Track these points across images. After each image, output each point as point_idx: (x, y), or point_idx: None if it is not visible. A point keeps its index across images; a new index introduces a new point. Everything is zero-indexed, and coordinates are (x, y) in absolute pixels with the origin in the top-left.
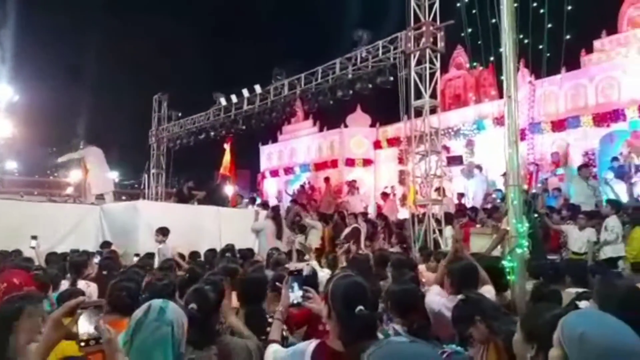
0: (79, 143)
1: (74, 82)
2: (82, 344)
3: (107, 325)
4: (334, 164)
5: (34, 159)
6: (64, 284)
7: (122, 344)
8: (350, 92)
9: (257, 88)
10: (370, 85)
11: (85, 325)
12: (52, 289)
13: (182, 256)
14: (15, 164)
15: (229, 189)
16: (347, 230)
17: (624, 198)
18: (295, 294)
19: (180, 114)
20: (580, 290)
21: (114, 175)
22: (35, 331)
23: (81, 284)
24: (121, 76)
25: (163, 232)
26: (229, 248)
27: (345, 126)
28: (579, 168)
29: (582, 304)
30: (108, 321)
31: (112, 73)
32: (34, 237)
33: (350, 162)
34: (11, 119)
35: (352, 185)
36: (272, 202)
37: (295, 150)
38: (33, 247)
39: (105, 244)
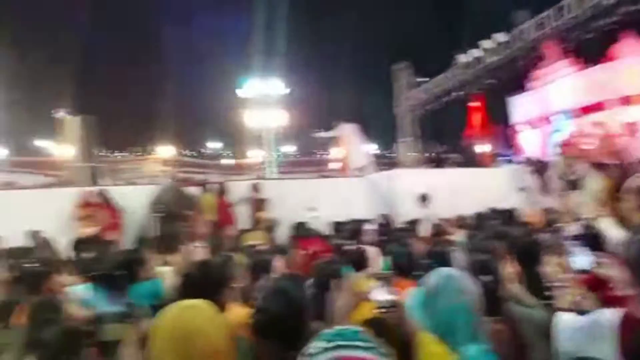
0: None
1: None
2: (380, 309)
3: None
4: (603, 105)
5: (307, 142)
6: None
7: (419, 306)
8: (613, 19)
9: (500, 37)
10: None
11: (379, 293)
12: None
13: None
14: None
15: (483, 148)
16: (630, 180)
17: None
18: (583, 259)
19: (420, 80)
20: None
21: (372, 148)
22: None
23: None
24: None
25: (424, 198)
26: (493, 210)
27: (613, 59)
28: None
29: None
30: (396, 284)
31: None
32: (313, 209)
33: (625, 100)
34: (286, 109)
35: (632, 128)
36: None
37: (553, 96)
38: (315, 217)
39: None
